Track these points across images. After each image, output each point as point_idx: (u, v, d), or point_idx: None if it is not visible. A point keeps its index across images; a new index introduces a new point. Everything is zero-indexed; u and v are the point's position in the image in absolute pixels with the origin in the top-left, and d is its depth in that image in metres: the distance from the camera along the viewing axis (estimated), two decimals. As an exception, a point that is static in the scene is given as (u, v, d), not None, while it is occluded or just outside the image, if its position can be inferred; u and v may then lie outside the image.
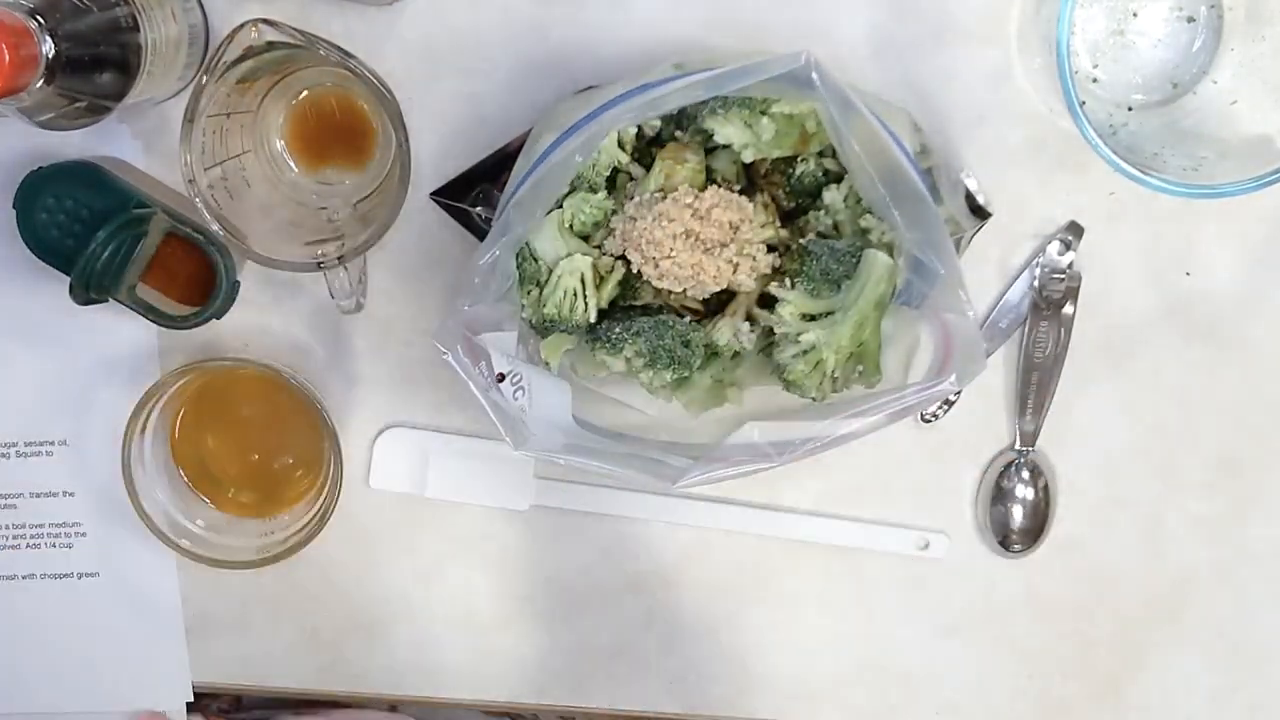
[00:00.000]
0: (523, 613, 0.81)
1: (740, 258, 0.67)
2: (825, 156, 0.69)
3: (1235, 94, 0.70)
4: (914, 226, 0.61)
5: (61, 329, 0.77)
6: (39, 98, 0.61)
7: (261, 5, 0.72)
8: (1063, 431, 0.77)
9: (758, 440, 0.63)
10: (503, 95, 0.74)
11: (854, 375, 0.67)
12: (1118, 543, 0.79)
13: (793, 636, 0.80)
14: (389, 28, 0.73)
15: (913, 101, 0.72)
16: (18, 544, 0.80)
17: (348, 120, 0.73)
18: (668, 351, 0.68)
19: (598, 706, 0.82)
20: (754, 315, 0.70)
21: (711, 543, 0.79)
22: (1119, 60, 0.71)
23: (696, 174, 0.68)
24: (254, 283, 0.76)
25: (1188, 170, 0.66)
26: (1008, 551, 0.78)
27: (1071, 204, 0.74)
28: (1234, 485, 0.78)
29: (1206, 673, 0.80)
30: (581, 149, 0.61)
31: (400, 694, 0.82)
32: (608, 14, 0.73)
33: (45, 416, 0.78)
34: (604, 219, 0.68)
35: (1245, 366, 0.76)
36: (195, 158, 0.65)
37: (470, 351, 0.63)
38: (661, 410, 0.73)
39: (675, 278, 0.67)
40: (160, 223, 0.71)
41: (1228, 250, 0.75)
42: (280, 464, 0.78)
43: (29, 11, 0.59)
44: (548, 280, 0.68)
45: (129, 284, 0.71)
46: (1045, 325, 0.75)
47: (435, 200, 0.74)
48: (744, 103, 0.65)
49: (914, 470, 0.78)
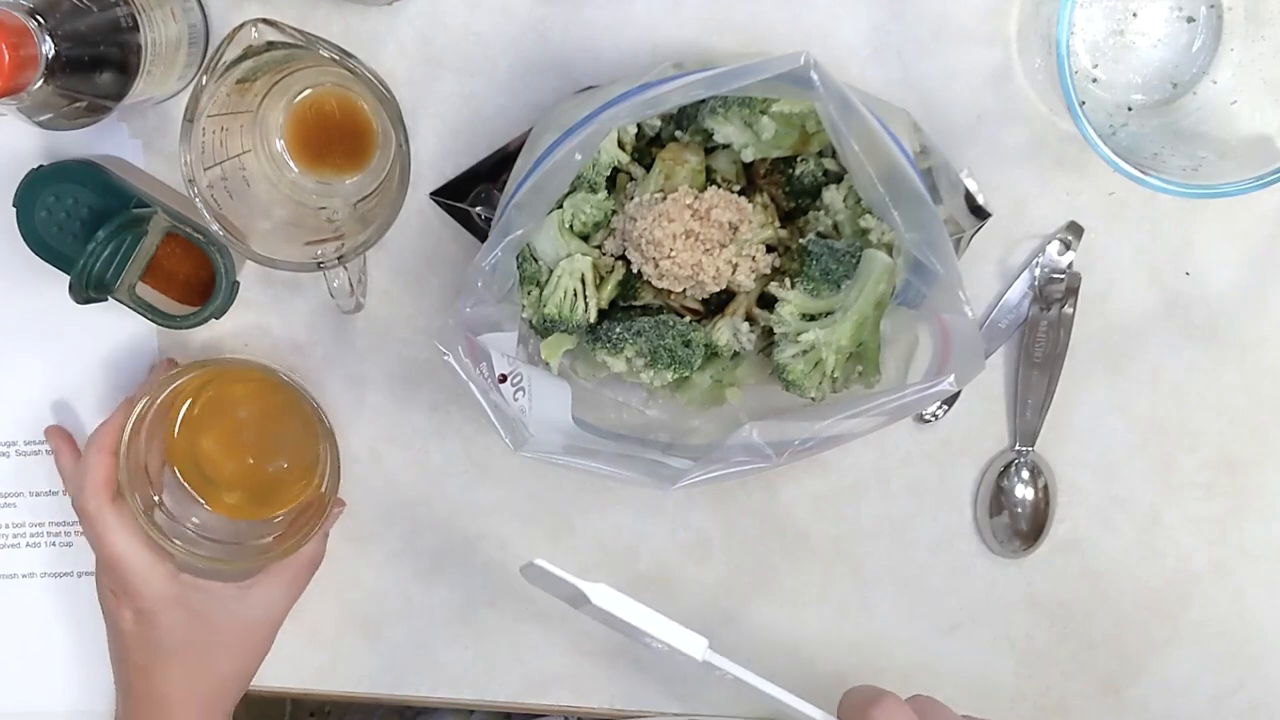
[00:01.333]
0: (523, 613, 0.81)
1: (740, 258, 0.67)
2: (825, 156, 0.69)
3: (1235, 94, 0.70)
4: (913, 227, 0.61)
5: (61, 329, 0.77)
6: (39, 97, 0.61)
7: (261, 5, 0.72)
8: (1063, 431, 0.77)
9: (757, 440, 0.63)
10: (503, 95, 0.74)
11: (853, 375, 0.67)
12: (1118, 543, 0.79)
13: (792, 636, 0.80)
14: (389, 28, 0.73)
15: (913, 101, 0.72)
16: (17, 543, 0.80)
17: (348, 120, 0.73)
18: (668, 351, 0.68)
19: (598, 706, 0.82)
20: (754, 315, 0.70)
21: (712, 543, 0.79)
22: (1119, 60, 0.71)
23: (696, 174, 0.68)
24: (254, 283, 0.76)
25: (1188, 170, 0.66)
26: (1008, 551, 0.78)
27: (1071, 204, 0.74)
28: (1234, 485, 0.78)
29: (1206, 673, 0.80)
30: (581, 148, 0.61)
31: (400, 694, 0.83)
32: (608, 14, 0.73)
33: (45, 416, 0.78)
34: (604, 219, 0.68)
35: (1245, 366, 0.76)
36: (195, 158, 0.65)
37: (471, 352, 0.63)
38: (661, 411, 0.73)
39: (675, 278, 0.67)
40: (160, 222, 0.71)
41: (1228, 250, 0.75)
42: (275, 467, 0.77)
43: (29, 11, 0.59)
44: (548, 280, 0.68)
45: (129, 284, 0.71)
46: (1045, 325, 0.75)
47: (435, 200, 0.74)
48: (744, 102, 0.65)
49: (914, 470, 0.78)
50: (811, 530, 0.79)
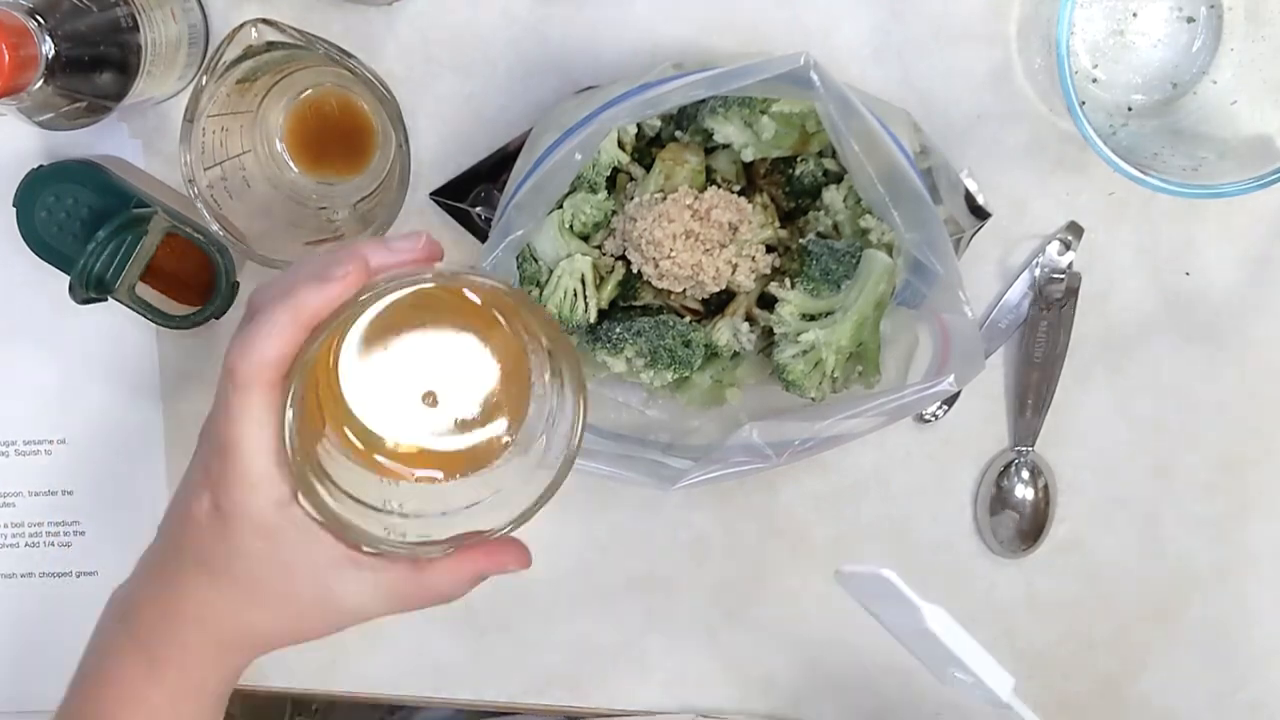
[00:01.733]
0: (523, 613, 0.81)
1: (739, 258, 0.67)
2: (825, 156, 0.69)
3: (1235, 94, 0.70)
4: (913, 227, 0.61)
5: (61, 328, 0.77)
6: (39, 97, 0.61)
7: (261, 5, 0.72)
8: (1063, 431, 0.77)
9: (756, 440, 0.63)
10: (503, 95, 0.74)
11: (853, 376, 0.67)
12: (1117, 543, 0.79)
13: (792, 636, 0.80)
14: (389, 28, 0.73)
15: (913, 101, 0.72)
16: (16, 542, 0.80)
17: (348, 120, 0.73)
18: (668, 351, 0.68)
19: (598, 706, 0.82)
20: (753, 315, 0.70)
21: (712, 543, 0.79)
22: (1119, 60, 0.71)
23: (696, 175, 0.68)
24: (254, 283, 0.76)
25: (1188, 170, 0.66)
26: (1008, 551, 0.78)
27: (1071, 204, 0.74)
28: (1234, 485, 0.78)
29: (1206, 673, 0.80)
30: (581, 148, 0.61)
31: (400, 694, 0.83)
32: (608, 14, 0.73)
33: (44, 415, 0.78)
34: (604, 219, 0.68)
35: (1245, 366, 0.76)
36: (195, 158, 0.65)
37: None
38: (661, 411, 0.73)
39: (675, 278, 0.67)
40: (160, 222, 0.71)
41: (1228, 250, 0.75)
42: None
43: (29, 11, 0.59)
44: (548, 280, 0.68)
45: (129, 283, 0.71)
46: (1045, 325, 0.75)
47: (435, 200, 0.74)
48: (744, 102, 0.65)
49: (914, 470, 0.78)
50: (811, 530, 0.79)
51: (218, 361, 0.77)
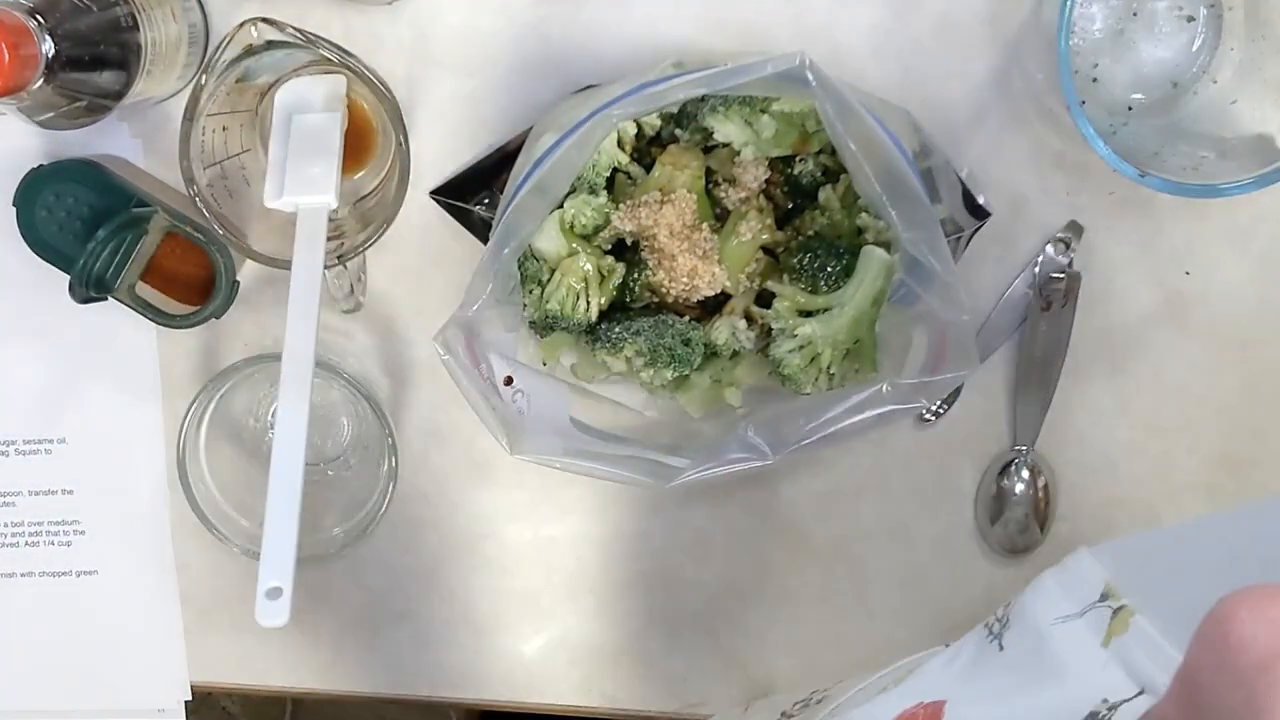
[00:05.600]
0: (523, 612, 0.81)
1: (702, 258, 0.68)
2: (825, 154, 0.69)
3: (1235, 94, 0.70)
4: (911, 226, 0.61)
5: (61, 328, 0.77)
6: (39, 97, 0.61)
7: (261, 5, 0.73)
8: (1063, 431, 0.77)
9: (753, 438, 0.64)
10: (503, 95, 0.74)
11: (850, 372, 0.67)
12: (1118, 543, 0.79)
13: (792, 636, 0.80)
14: (389, 28, 0.73)
15: (913, 101, 0.72)
16: (16, 542, 0.80)
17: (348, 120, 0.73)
18: (668, 350, 0.68)
19: (598, 706, 0.82)
20: (752, 314, 0.70)
21: (712, 542, 0.79)
22: (1119, 60, 0.71)
23: (696, 179, 0.68)
24: (254, 282, 0.76)
25: (1188, 170, 0.66)
26: (1008, 551, 0.78)
27: (1071, 204, 0.74)
28: (1234, 485, 0.78)
29: (1207, 673, 0.80)
30: (579, 144, 0.61)
31: (400, 694, 0.83)
32: (608, 14, 0.73)
33: (44, 414, 0.78)
34: (604, 222, 0.68)
35: (1245, 366, 0.76)
36: (195, 157, 0.65)
37: (471, 354, 0.63)
38: (660, 412, 0.73)
39: (674, 280, 0.67)
40: (160, 222, 0.71)
41: (1228, 250, 0.75)
42: None
43: (29, 11, 0.59)
44: (550, 279, 0.68)
45: (129, 283, 0.71)
46: (1045, 325, 0.75)
47: (435, 199, 0.74)
48: (744, 101, 0.65)
49: (914, 470, 0.78)
50: (811, 530, 0.79)
51: (218, 361, 0.78)
